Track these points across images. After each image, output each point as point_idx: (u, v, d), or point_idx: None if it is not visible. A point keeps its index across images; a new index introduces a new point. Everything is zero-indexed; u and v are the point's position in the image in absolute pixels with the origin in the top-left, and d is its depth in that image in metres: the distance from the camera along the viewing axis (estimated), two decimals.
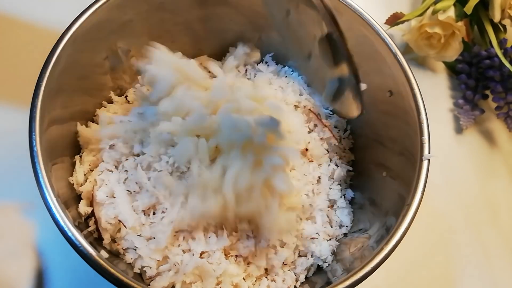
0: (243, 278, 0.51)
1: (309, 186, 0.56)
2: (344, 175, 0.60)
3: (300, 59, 0.59)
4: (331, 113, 0.62)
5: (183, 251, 0.49)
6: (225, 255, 0.50)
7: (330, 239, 0.56)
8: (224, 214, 0.48)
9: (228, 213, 0.48)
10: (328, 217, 0.56)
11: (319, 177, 0.58)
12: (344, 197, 0.59)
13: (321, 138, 0.60)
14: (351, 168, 0.61)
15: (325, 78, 0.51)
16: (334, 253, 0.55)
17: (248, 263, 0.52)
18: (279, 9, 0.51)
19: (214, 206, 0.47)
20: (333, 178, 0.59)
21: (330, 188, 0.58)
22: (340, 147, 0.61)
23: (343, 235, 0.57)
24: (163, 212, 0.49)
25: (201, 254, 0.49)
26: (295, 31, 0.51)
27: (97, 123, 0.56)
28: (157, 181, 0.50)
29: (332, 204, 0.58)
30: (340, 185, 0.59)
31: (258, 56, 0.63)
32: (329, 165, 0.59)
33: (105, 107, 0.58)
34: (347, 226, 0.57)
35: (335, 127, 0.62)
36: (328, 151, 0.60)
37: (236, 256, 0.51)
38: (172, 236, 0.49)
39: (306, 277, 0.54)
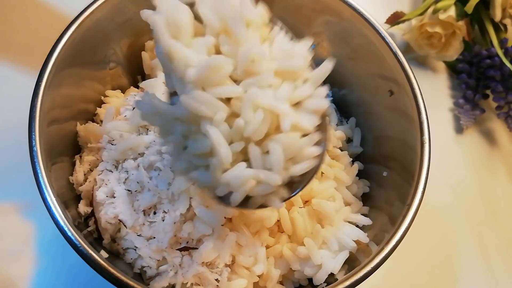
0: None
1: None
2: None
3: None
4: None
5: (182, 254, 0.49)
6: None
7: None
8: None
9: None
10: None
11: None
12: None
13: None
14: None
15: None
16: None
17: None
18: None
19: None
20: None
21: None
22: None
23: None
24: (164, 212, 0.49)
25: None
26: None
27: (97, 123, 0.56)
28: (159, 180, 0.50)
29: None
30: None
31: None
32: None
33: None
34: None
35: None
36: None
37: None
38: (174, 237, 0.49)
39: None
